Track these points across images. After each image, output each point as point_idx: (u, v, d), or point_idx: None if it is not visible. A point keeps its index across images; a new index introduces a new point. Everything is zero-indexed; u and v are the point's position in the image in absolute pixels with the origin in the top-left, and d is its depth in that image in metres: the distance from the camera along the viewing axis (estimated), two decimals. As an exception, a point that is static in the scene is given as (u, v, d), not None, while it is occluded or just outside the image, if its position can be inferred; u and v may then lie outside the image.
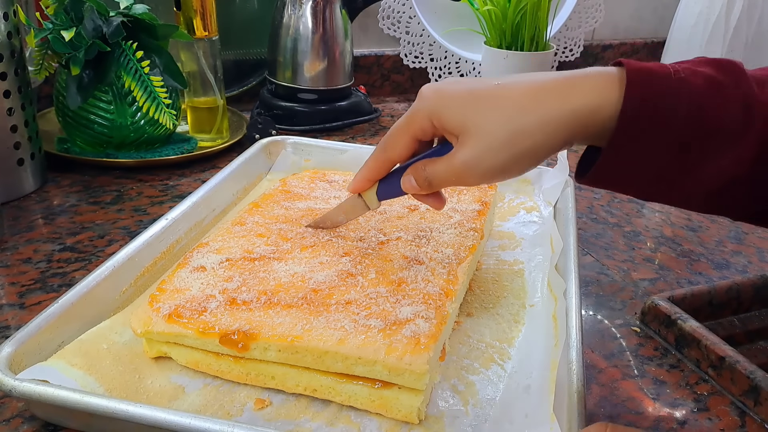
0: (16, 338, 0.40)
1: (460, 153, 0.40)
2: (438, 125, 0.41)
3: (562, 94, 0.37)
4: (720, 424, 0.44)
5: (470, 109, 0.39)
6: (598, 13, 1.25)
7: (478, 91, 0.39)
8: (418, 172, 0.43)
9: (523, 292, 0.54)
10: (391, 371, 0.39)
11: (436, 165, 0.42)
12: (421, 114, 0.42)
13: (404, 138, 0.43)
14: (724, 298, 0.57)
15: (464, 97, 0.40)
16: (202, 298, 0.44)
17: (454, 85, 0.41)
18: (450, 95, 0.40)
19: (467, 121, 0.39)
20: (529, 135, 0.37)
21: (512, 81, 0.39)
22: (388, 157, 0.45)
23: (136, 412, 0.35)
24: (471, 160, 0.39)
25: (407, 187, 0.45)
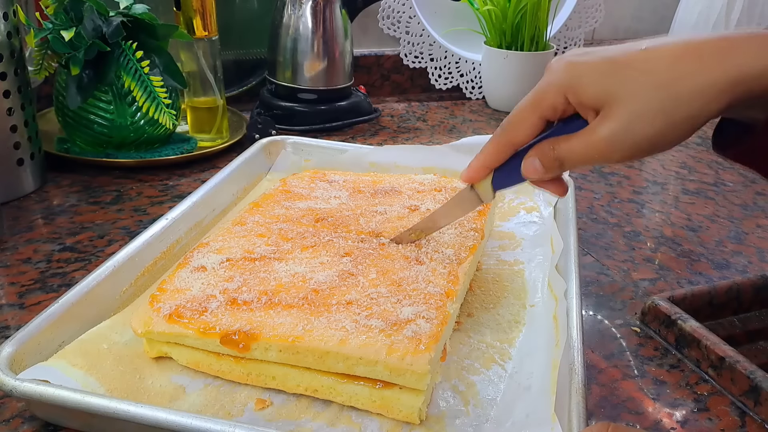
0: (16, 338, 0.40)
1: (604, 126, 0.36)
2: (574, 100, 0.37)
3: (722, 55, 0.33)
4: (720, 425, 0.44)
5: (614, 78, 0.35)
6: (598, 13, 1.25)
7: (620, 57, 0.36)
8: (545, 154, 0.39)
9: (524, 292, 0.54)
10: (392, 372, 0.39)
11: (571, 143, 0.38)
12: (553, 89, 0.38)
13: (531, 117, 0.39)
14: (724, 298, 0.57)
15: (605, 66, 0.36)
16: (202, 298, 0.44)
17: (589, 55, 0.37)
18: (587, 66, 0.37)
19: (611, 91, 0.35)
20: (686, 102, 0.34)
21: (661, 44, 0.35)
22: (510, 140, 0.41)
23: (137, 412, 0.35)
24: (617, 134, 0.36)
25: (530, 171, 0.40)
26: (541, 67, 1.07)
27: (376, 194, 0.61)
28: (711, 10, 1.16)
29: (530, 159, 0.40)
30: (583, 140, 0.37)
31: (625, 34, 1.36)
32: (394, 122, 1.03)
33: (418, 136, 0.97)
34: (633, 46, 0.36)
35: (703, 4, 1.16)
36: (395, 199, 0.60)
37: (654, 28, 1.38)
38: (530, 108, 0.39)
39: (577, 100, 0.37)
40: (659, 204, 0.80)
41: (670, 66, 0.34)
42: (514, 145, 0.41)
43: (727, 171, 0.91)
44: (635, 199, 0.81)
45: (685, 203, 0.80)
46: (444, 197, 0.61)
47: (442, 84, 1.18)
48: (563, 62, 0.38)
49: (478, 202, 0.46)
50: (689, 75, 0.34)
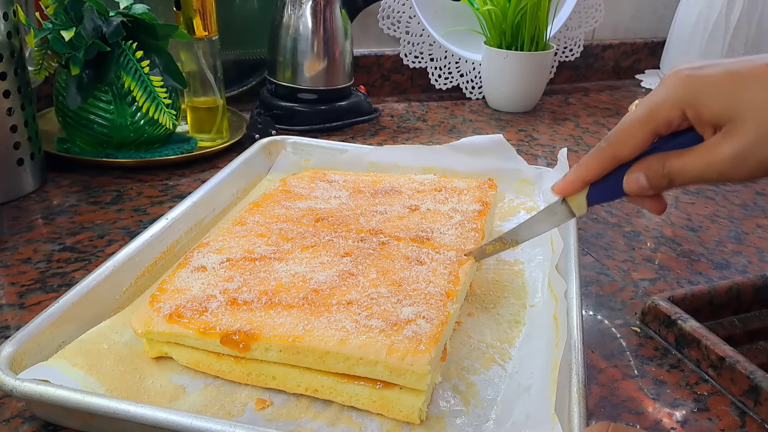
0: (16, 338, 0.40)
1: (726, 144, 0.34)
2: (693, 116, 0.35)
3: None
4: (720, 425, 0.44)
5: (739, 93, 0.33)
6: (598, 13, 1.25)
7: (744, 71, 0.34)
8: (652, 169, 0.37)
9: (524, 292, 0.54)
10: (392, 372, 0.39)
11: (684, 159, 0.36)
12: (669, 104, 0.36)
13: (642, 132, 0.37)
14: (724, 298, 0.57)
15: (728, 80, 0.34)
16: (202, 298, 0.44)
17: (709, 69, 0.35)
18: (708, 80, 0.35)
19: (736, 107, 0.33)
20: None
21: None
22: (616, 155, 0.38)
23: (137, 412, 0.35)
24: (743, 152, 0.34)
25: (633, 187, 0.38)
26: (541, 67, 1.08)
27: (376, 194, 0.61)
28: (711, 10, 1.16)
29: (635, 174, 0.38)
30: (700, 158, 0.35)
31: (625, 33, 1.36)
32: (394, 122, 1.03)
33: (418, 136, 0.97)
34: (756, 60, 0.35)
35: (703, 4, 1.16)
36: (395, 199, 0.60)
37: (654, 28, 1.38)
38: (643, 122, 0.37)
39: (696, 115, 0.35)
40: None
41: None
42: (619, 159, 0.39)
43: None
44: (635, 199, 0.80)
45: (685, 203, 0.80)
46: (444, 197, 0.61)
47: (442, 84, 1.18)
48: (681, 75, 0.36)
49: (570, 216, 0.43)
50: None
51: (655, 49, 1.37)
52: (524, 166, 0.71)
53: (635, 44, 1.36)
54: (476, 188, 0.63)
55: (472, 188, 0.63)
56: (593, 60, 1.33)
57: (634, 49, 1.36)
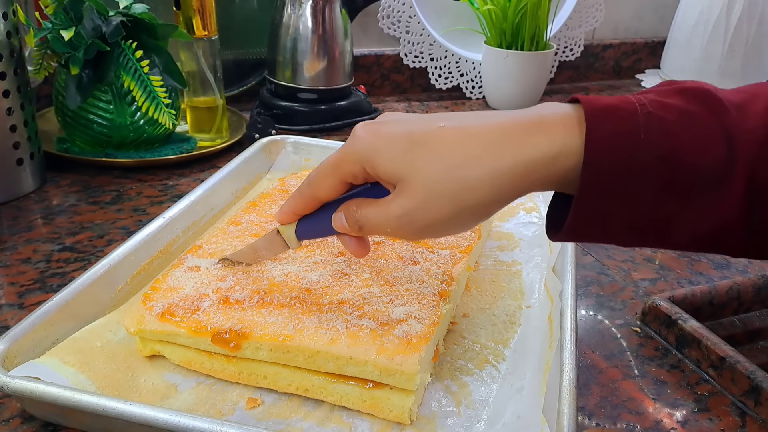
0: (9, 335, 0.40)
1: (396, 204, 0.35)
2: (371, 172, 0.36)
3: (514, 141, 0.33)
4: (720, 425, 0.44)
5: (409, 156, 0.34)
6: (598, 12, 1.25)
7: (418, 134, 0.35)
8: (349, 212, 0.38)
9: (520, 293, 0.54)
10: (382, 372, 0.38)
11: (370, 209, 0.37)
12: (351, 157, 0.36)
13: (332, 179, 0.38)
14: (725, 298, 0.57)
15: (403, 142, 0.35)
16: (195, 296, 0.44)
17: (392, 126, 0.36)
18: (386, 139, 0.35)
19: (405, 169, 0.34)
20: (477, 188, 0.33)
21: (458, 124, 0.34)
22: (313, 195, 0.40)
23: (126, 409, 0.35)
24: (409, 214, 0.35)
25: (338, 225, 0.39)
26: (541, 67, 1.07)
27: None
28: (711, 10, 1.15)
29: (339, 214, 0.39)
30: (379, 211, 0.36)
31: (625, 33, 1.36)
32: (394, 122, 1.03)
33: (418, 136, 0.97)
34: (435, 121, 0.35)
35: (703, 4, 1.16)
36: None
37: (654, 28, 1.37)
38: (330, 170, 0.38)
39: (374, 172, 0.36)
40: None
41: (462, 150, 0.33)
42: (318, 199, 0.40)
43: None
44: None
45: (687, 203, 0.79)
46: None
47: (442, 84, 1.18)
48: (367, 130, 0.36)
49: (285, 247, 0.44)
50: (481, 161, 0.33)
51: (656, 48, 1.36)
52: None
53: (635, 44, 1.36)
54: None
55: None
56: (593, 60, 1.33)
57: (635, 49, 1.36)
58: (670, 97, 0.33)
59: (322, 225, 0.41)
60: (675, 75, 1.25)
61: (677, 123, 0.31)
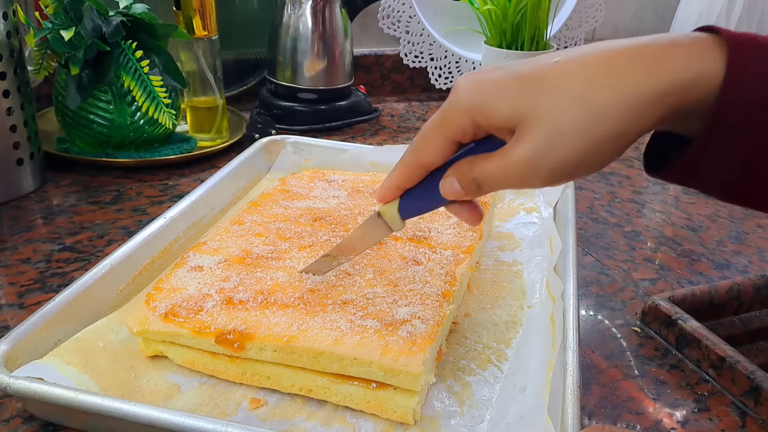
0: (12, 336, 0.40)
1: (520, 148, 0.32)
2: (484, 122, 0.33)
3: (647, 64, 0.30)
4: (720, 425, 0.44)
5: (527, 95, 0.32)
6: (598, 12, 1.25)
7: (531, 72, 0.32)
8: (462, 174, 0.35)
9: (522, 293, 0.54)
10: (386, 372, 0.38)
11: (488, 164, 0.34)
12: (458, 111, 0.34)
13: (437, 140, 0.35)
14: (725, 298, 0.57)
15: (515, 83, 0.32)
16: (198, 297, 0.44)
17: (497, 72, 0.33)
18: (495, 84, 0.33)
19: (524, 109, 0.31)
20: (609, 116, 0.30)
21: (577, 54, 0.32)
22: (418, 162, 0.37)
23: (130, 410, 0.35)
24: (536, 156, 0.32)
25: (449, 191, 0.36)
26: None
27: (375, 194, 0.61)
28: (711, 10, 1.15)
29: (449, 179, 0.36)
30: (500, 162, 0.33)
31: (625, 33, 1.36)
32: (394, 122, 1.03)
33: (418, 136, 0.97)
34: (545, 59, 0.32)
35: (703, 4, 1.16)
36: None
37: (654, 28, 1.38)
38: (436, 130, 0.35)
39: (487, 121, 0.33)
40: (660, 204, 0.80)
41: (588, 77, 0.31)
42: (424, 166, 0.37)
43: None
44: (636, 198, 0.80)
45: (686, 203, 0.80)
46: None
47: (442, 84, 1.18)
48: (470, 80, 0.34)
49: (388, 230, 0.41)
50: (611, 86, 0.30)
51: (657, 48, 1.36)
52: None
53: (636, 44, 1.36)
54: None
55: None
56: (594, 60, 1.33)
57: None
58: None
59: (429, 196, 0.38)
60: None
61: None
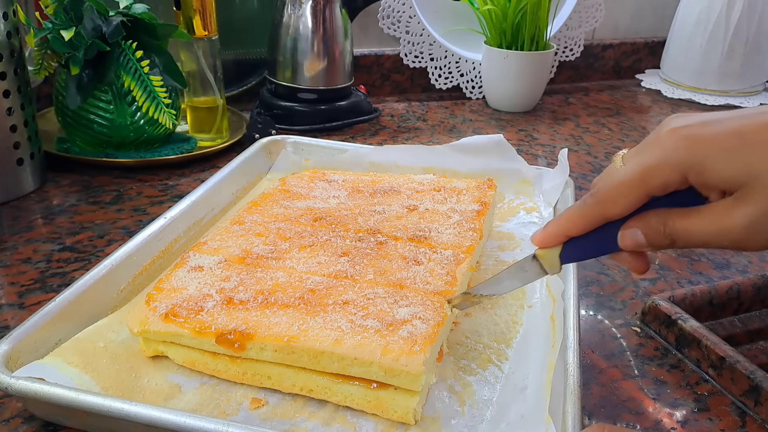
0: (12, 336, 0.40)
1: (740, 211, 0.31)
2: (696, 180, 0.32)
3: None
4: (720, 425, 0.44)
5: (749, 156, 0.31)
6: (598, 12, 1.25)
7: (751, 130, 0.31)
8: (651, 226, 0.34)
9: (522, 292, 0.54)
10: (386, 372, 0.38)
11: (690, 221, 0.33)
12: (668, 167, 0.32)
13: (635, 194, 0.34)
14: (725, 298, 0.57)
15: (735, 143, 0.31)
16: (199, 297, 0.44)
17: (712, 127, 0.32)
18: (712, 142, 0.32)
19: (750, 171, 0.31)
20: None
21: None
22: (604, 214, 0.35)
23: (131, 410, 0.35)
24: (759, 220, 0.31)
25: (629, 243, 0.35)
26: (541, 67, 1.07)
27: (375, 194, 0.61)
28: (711, 10, 1.15)
29: (632, 230, 0.35)
30: (710, 222, 0.32)
31: (625, 33, 1.36)
32: (394, 122, 1.03)
33: (418, 136, 0.97)
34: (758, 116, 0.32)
35: (703, 4, 1.16)
36: (394, 199, 0.60)
37: (654, 28, 1.38)
38: (636, 184, 0.34)
39: (701, 180, 0.32)
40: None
41: None
42: (607, 218, 0.36)
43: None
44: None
45: (686, 203, 0.80)
46: (442, 197, 0.61)
47: (442, 84, 1.18)
48: (680, 135, 0.32)
49: (542, 274, 0.40)
50: None
51: (656, 48, 1.37)
52: (524, 167, 0.71)
53: (635, 44, 1.36)
54: (475, 188, 0.62)
55: (472, 188, 0.62)
56: (593, 60, 1.33)
57: (635, 49, 1.36)
58: None
59: (598, 244, 0.37)
60: (675, 75, 1.25)
61: None
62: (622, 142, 1.00)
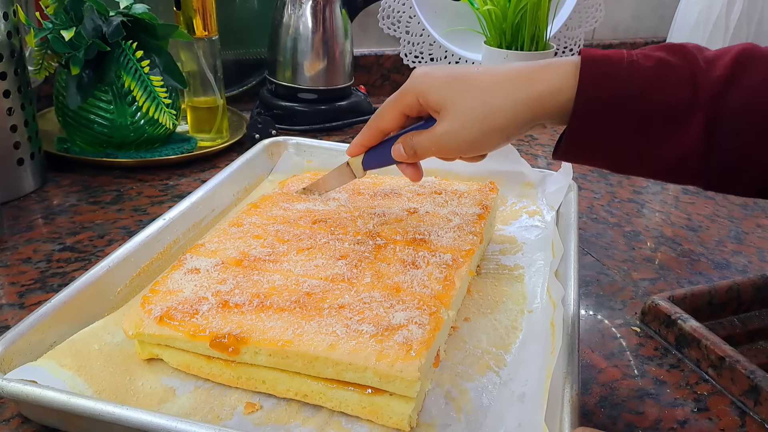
0: (6, 338, 0.40)
1: (440, 126, 0.46)
2: (423, 102, 0.47)
3: (529, 79, 0.42)
4: (720, 424, 0.44)
5: (451, 90, 0.45)
6: (598, 12, 1.24)
7: (458, 75, 0.45)
8: (406, 142, 0.49)
9: (523, 297, 0.54)
10: (381, 378, 0.38)
11: (421, 136, 0.48)
12: (409, 93, 0.48)
13: (394, 111, 0.49)
14: (725, 298, 0.57)
15: (446, 80, 0.45)
16: (194, 300, 0.43)
17: (440, 70, 0.47)
18: (435, 77, 0.46)
19: (447, 99, 0.45)
20: (500, 113, 0.43)
21: (489, 68, 0.45)
22: (378, 127, 0.51)
23: (122, 414, 0.35)
24: (449, 133, 0.45)
25: (396, 154, 0.50)
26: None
27: (376, 196, 0.61)
28: (711, 10, 1.15)
29: (397, 145, 0.50)
30: (428, 135, 0.47)
31: (625, 33, 1.36)
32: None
33: (418, 136, 0.97)
34: (471, 68, 0.46)
35: (703, 4, 1.16)
36: (394, 202, 0.60)
37: (654, 28, 1.37)
38: (393, 104, 0.49)
39: (425, 102, 0.47)
40: (659, 204, 0.79)
41: (491, 86, 0.43)
42: (383, 131, 0.51)
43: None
44: (635, 198, 0.80)
45: (685, 203, 0.79)
46: (443, 200, 0.60)
47: (444, 83, 1.17)
48: (421, 72, 0.48)
49: (352, 176, 0.57)
50: (504, 93, 0.43)
51: (657, 48, 1.36)
52: (527, 169, 0.70)
53: (635, 44, 1.35)
54: (477, 191, 0.62)
55: (473, 191, 0.62)
56: (595, 59, 1.33)
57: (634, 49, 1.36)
58: (656, 51, 0.40)
59: (384, 155, 0.52)
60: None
61: (654, 69, 0.39)
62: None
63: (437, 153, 0.48)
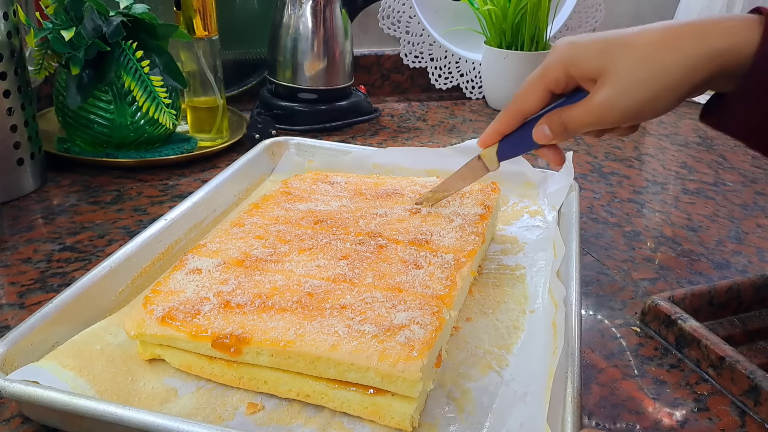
0: (8, 338, 0.40)
1: (599, 94, 0.42)
2: (575, 73, 0.43)
3: (700, 33, 0.38)
4: (720, 424, 0.44)
5: (608, 53, 0.41)
6: (598, 12, 1.25)
7: (613, 37, 0.42)
8: (552, 120, 0.46)
9: (524, 297, 0.54)
10: (383, 378, 0.38)
11: (573, 110, 0.44)
12: (555, 65, 0.44)
13: (538, 89, 0.46)
14: (725, 298, 0.57)
15: (599, 44, 0.42)
16: (196, 300, 0.43)
17: (587, 36, 0.44)
18: (585, 44, 0.43)
19: (605, 63, 0.41)
20: (667, 72, 0.39)
21: (648, 27, 0.41)
22: (519, 109, 0.48)
23: (124, 415, 0.35)
24: (610, 99, 0.41)
25: (540, 136, 0.47)
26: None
27: (378, 196, 0.61)
28: (711, 10, 1.15)
29: (541, 126, 0.46)
30: (582, 107, 0.43)
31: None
32: (394, 122, 1.03)
33: (418, 136, 0.97)
34: (626, 30, 0.42)
35: (703, 4, 1.16)
36: (396, 202, 0.60)
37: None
38: (537, 81, 0.46)
39: (577, 72, 0.43)
40: (659, 204, 0.80)
41: (655, 43, 0.40)
42: (524, 113, 0.48)
43: (727, 171, 0.91)
44: (635, 198, 0.80)
45: (685, 203, 0.80)
46: (445, 200, 0.60)
47: (442, 84, 1.18)
48: (566, 41, 0.44)
49: (485, 170, 0.53)
50: (671, 49, 0.39)
51: (658, 48, 1.36)
52: (529, 170, 0.70)
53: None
54: (479, 191, 0.62)
55: (475, 191, 0.62)
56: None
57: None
58: None
59: (521, 141, 0.49)
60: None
61: None
62: (622, 142, 1.00)
63: (595, 124, 0.44)
